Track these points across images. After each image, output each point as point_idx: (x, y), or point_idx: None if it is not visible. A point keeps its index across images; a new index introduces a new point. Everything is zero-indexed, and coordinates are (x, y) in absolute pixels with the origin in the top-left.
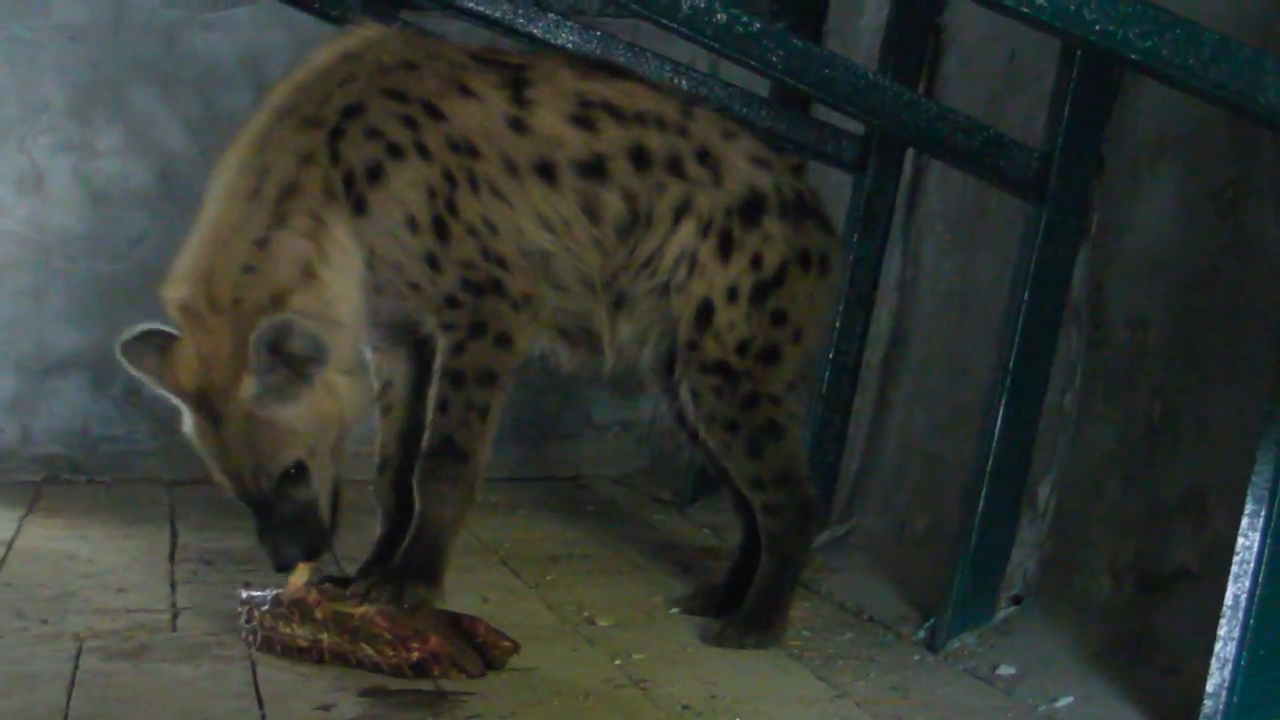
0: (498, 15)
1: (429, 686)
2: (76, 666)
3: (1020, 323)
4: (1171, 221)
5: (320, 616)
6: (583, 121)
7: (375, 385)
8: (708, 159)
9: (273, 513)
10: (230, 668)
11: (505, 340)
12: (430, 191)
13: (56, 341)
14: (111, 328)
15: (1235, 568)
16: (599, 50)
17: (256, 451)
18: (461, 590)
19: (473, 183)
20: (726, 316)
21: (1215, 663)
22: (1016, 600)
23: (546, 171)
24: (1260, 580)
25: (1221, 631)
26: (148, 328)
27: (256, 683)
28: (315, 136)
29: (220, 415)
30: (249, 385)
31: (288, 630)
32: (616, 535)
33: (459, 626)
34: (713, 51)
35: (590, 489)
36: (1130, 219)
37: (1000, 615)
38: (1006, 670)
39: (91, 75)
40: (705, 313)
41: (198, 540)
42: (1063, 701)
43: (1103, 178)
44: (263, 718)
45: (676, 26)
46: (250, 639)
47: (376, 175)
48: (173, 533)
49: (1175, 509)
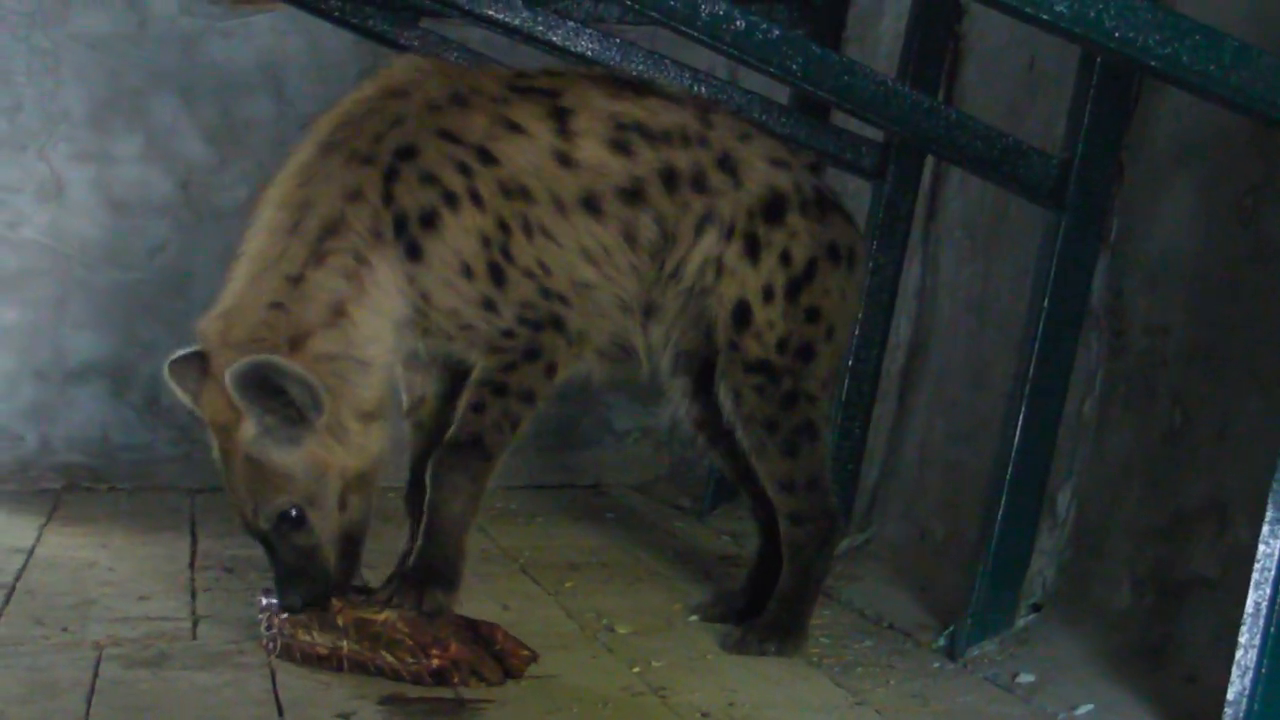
0: (517, 23)
1: (448, 694)
2: (96, 674)
3: (1040, 330)
4: (1191, 228)
5: (342, 623)
6: (621, 146)
7: (406, 401)
8: (727, 164)
9: (275, 552)
10: (250, 675)
11: (553, 369)
12: (484, 240)
13: (76, 350)
14: (131, 336)
15: (1256, 575)
16: (618, 58)
17: (253, 492)
18: (481, 597)
19: (526, 228)
20: (765, 316)
21: (1236, 671)
22: (1036, 608)
23: (591, 204)
24: None
25: (1242, 639)
26: (195, 350)
27: (276, 690)
28: (366, 174)
29: (226, 453)
30: (247, 426)
31: (307, 637)
32: (636, 543)
33: (478, 634)
34: (732, 59)
35: (610, 496)
36: (1150, 226)
37: (1020, 623)
38: (1026, 678)
39: (111, 84)
40: (743, 313)
41: (218, 548)
42: (1083, 709)
43: (1122, 184)
44: None
45: (696, 34)
46: (270, 646)
47: (431, 222)
48: (193, 540)
49: (1195, 516)
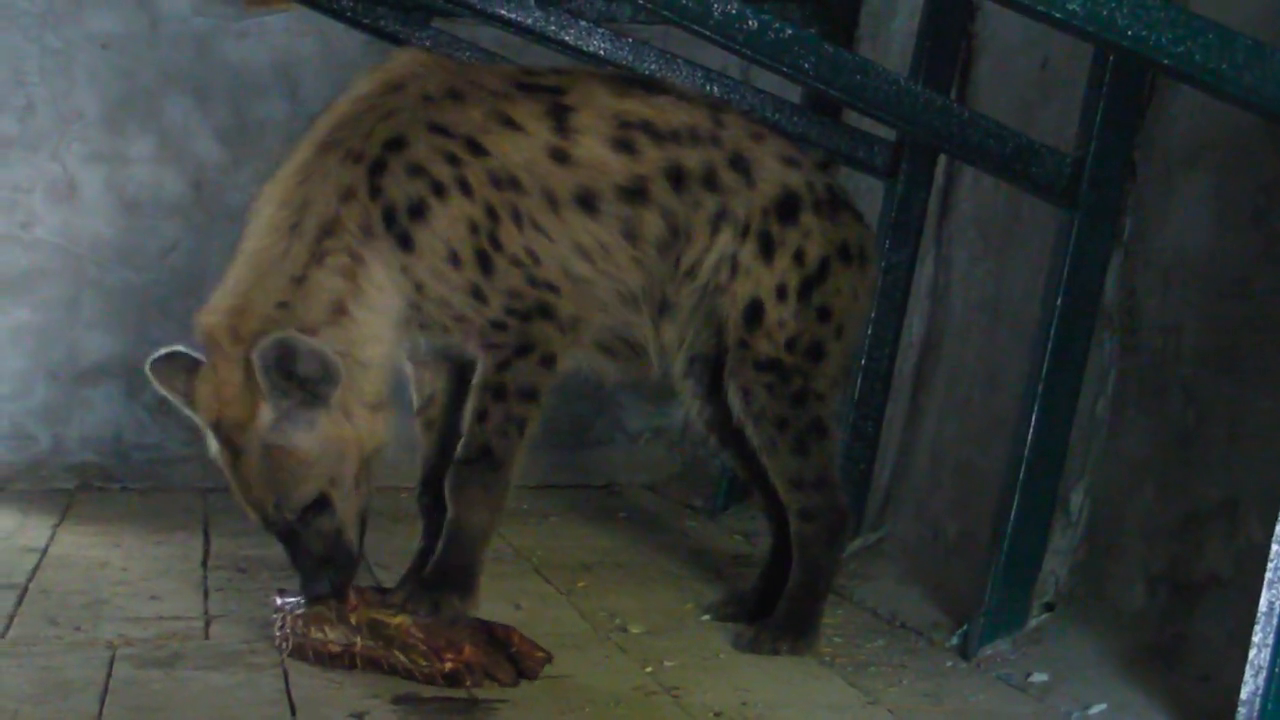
0: (529, 22)
1: (461, 694)
2: (109, 674)
3: (1053, 329)
4: (1204, 227)
5: (355, 621)
6: (624, 145)
7: (416, 400)
8: (740, 164)
9: (300, 544)
10: (263, 675)
11: (550, 361)
12: (472, 227)
13: (89, 350)
14: (144, 336)
15: (1269, 574)
16: (630, 57)
17: (277, 485)
18: (494, 597)
19: (515, 217)
20: (776, 314)
21: (1249, 670)
22: (1049, 607)
23: (587, 201)
24: None
25: (1255, 638)
26: (175, 349)
27: (289, 690)
28: (356, 172)
29: (239, 449)
30: (265, 412)
31: (320, 635)
32: (648, 542)
33: (492, 636)
34: (744, 58)
35: (622, 496)
36: (1163, 225)
37: (1033, 622)
38: (1039, 677)
39: (124, 84)
40: (755, 312)
41: (231, 547)
42: (1096, 709)
43: (1135, 183)
44: None
45: (708, 33)
46: (282, 645)
47: (420, 212)
48: (205, 540)
49: (1208, 515)
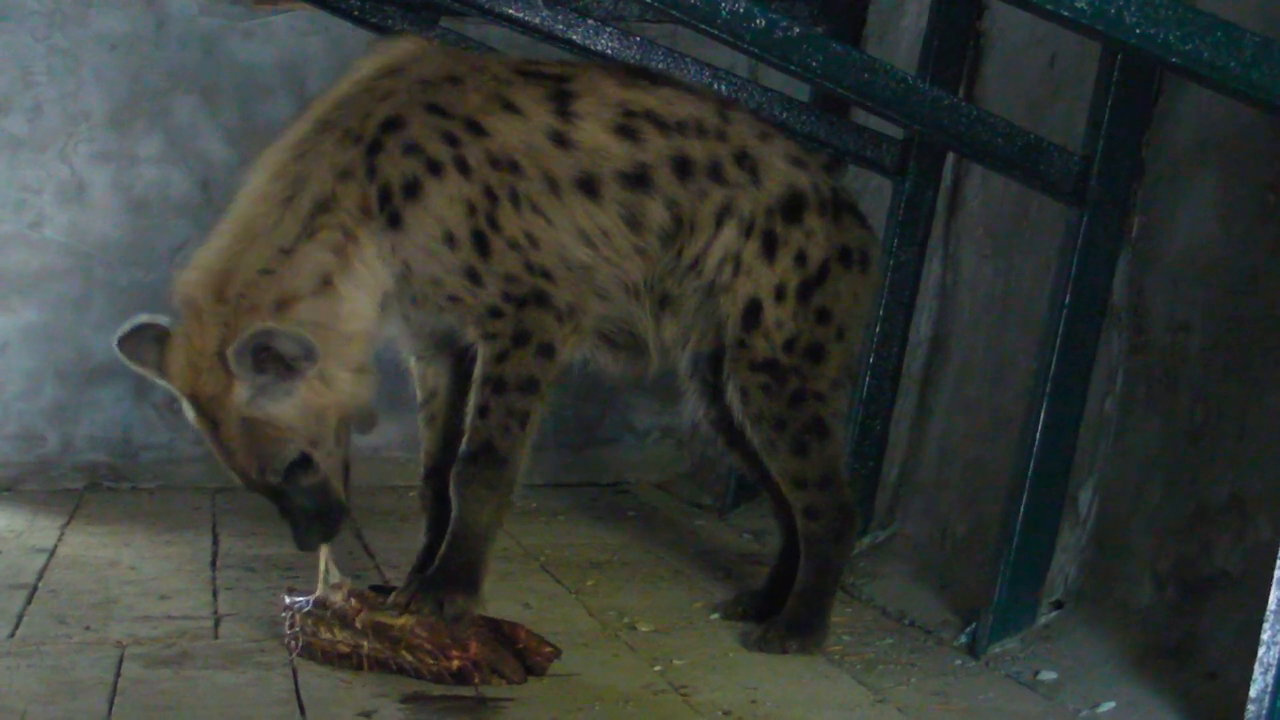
0: (537, 21)
1: (469, 692)
2: (119, 673)
3: (1061, 327)
4: (1213, 225)
5: (360, 625)
6: (627, 132)
7: (419, 395)
8: (746, 161)
9: (287, 500)
10: (272, 674)
11: (548, 350)
12: (470, 207)
13: (98, 350)
14: None
15: (1278, 572)
16: (638, 56)
17: (257, 452)
18: (502, 596)
19: (514, 199)
20: (774, 315)
21: (1258, 668)
22: (1058, 605)
23: (588, 185)
24: None
25: (1265, 636)
26: (143, 321)
27: (298, 689)
28: (354, 152)
29: (217, 420)
30: (240, 391)
31: (328, 636)
32: (657, 541)
33: (500, 633)
34: (752, 56)
35: (631, 495)
36: (1171, 223)
37: (1042, 620)
38: (1048, 675)
39: (131, 84)
40: (754, 311)
41: (240, 547)
42: (1104, 707)
43: (1143, 182)
44: None
45: (716, 32)
46: (291, 645)
47: (414, 191)
48: (214, 539)
49: (1217, 513)
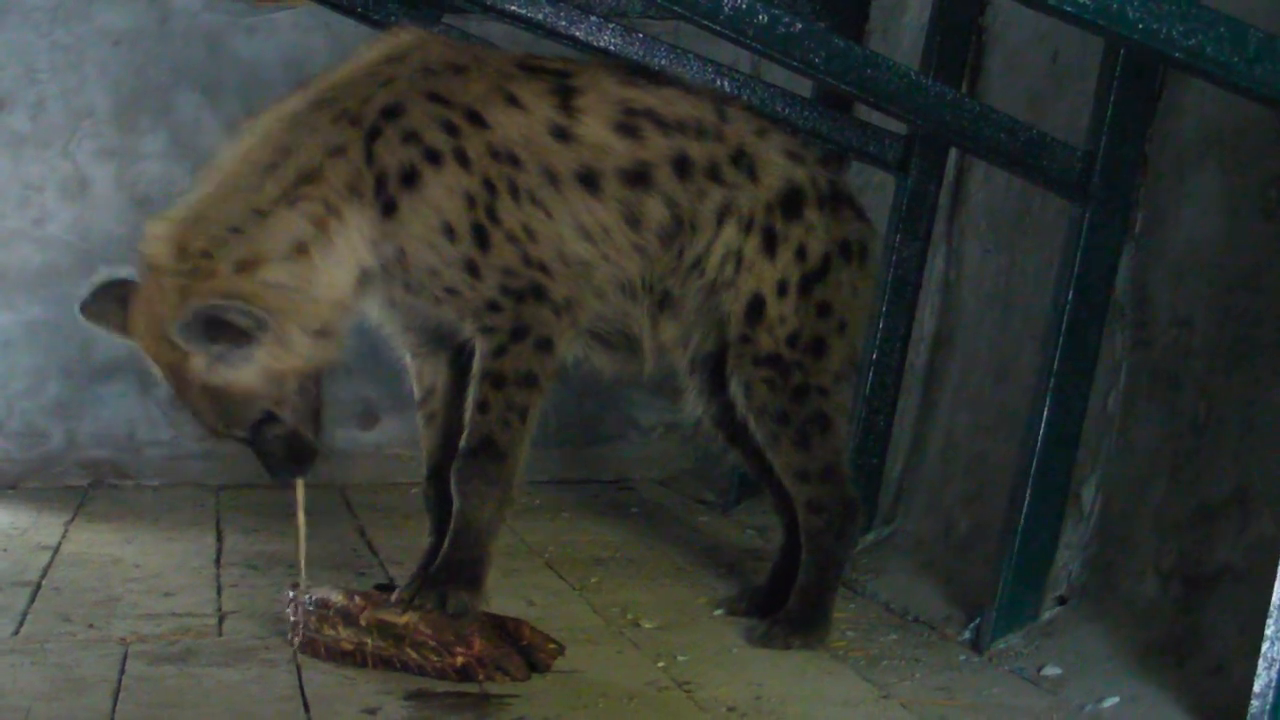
0: (540, 18)
1: (473, 689)
2: (123, 670)
3: (1064, 322)
4: (1215, 220)
5: (364, 623)
6: (628, 130)
7: (417, 393)
8: (744, 159)
9: (256, 446)
10: (276, 671)
11: (546, 344)
12: (469, 199)
13: (102, 347)
14: None
15: None
16: (641, 52)
17: (222, 412)
18: (506, 593)
19: (514, 191)
20: (777, 310)
21: (1262, 663)
22: (1062, 601)
23: (589, 181)
24: None
25: (1269, 631)
26: (105, 280)
27: (302, 686)
28: (350, 134)
29: (179, 383)
30: (197, 360)
31: (332, 633)
32: (661, 537)
33: (503, 629)
34: (755, 53)
35: (634, 491)
36: (1174, 218)
37: (1045, 616)
38: (1052, 671)
39: (135, 80)
40: (757, 307)
41: (243, 544)
42: (1108, 702)
43: (1146, 177)
44: None
45: (719, 28)
46: (295, 641)
47: (411, 180)
48: (218, 537)
49: (1220, 508)
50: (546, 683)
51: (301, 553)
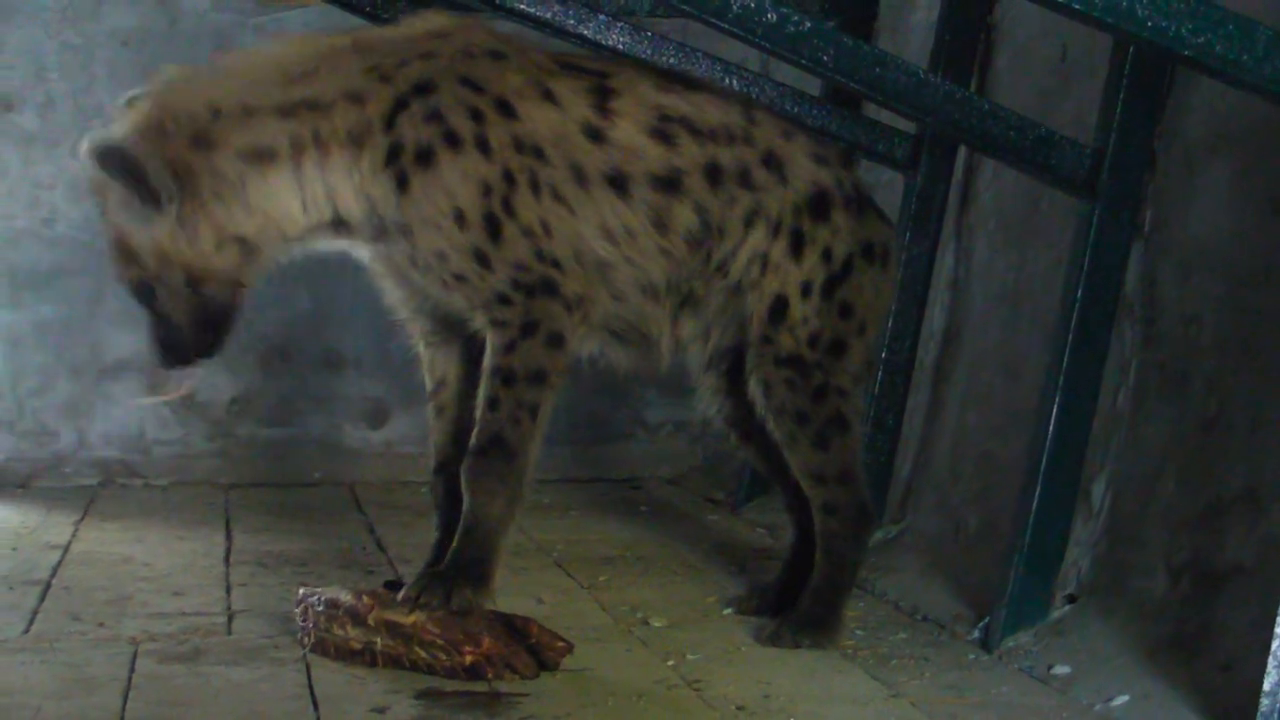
0: (548, 17)
1: (483, 688)
2: (132, 669)
3: (1073, 320)
4: (1225, 218)
5: (373, 622)
6: (662, 136)
7: (428, 384)
8: (773, 162)
9: (147, 313)
10: (285, 670)
11: (557, 340)
12: (485, 188)
13: (112, 346)
14: None
15: None
16: (649, 51)
17: (115, 258)
18: (515, 591)
19: (534, 185)
20: (800, 311)
21: (1272, 660)
22: (1071, 599)
23: (618, 183)
24: None
25: (1278, 628)
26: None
27: (311, 685)
28: (376, 90)
29: (102, 214)
30: (110, 195)
31: (341, 633)
32: (670, 536)
33: (512, 628)
34: (764, 51)
35: (644, 490)
36: (1183, 215)
37: (1055, 614)
38: (1062, 669)
39: (143, 80)
40: (780, 308)
41: (253, 543)
42: (1118, 700)
43: (1155, 174)
44: None
45: (727, 26)
46: (304, 640)
47: (427, 159)
48: (228, 536)
49: (1230, 505)
50: (556, 681)
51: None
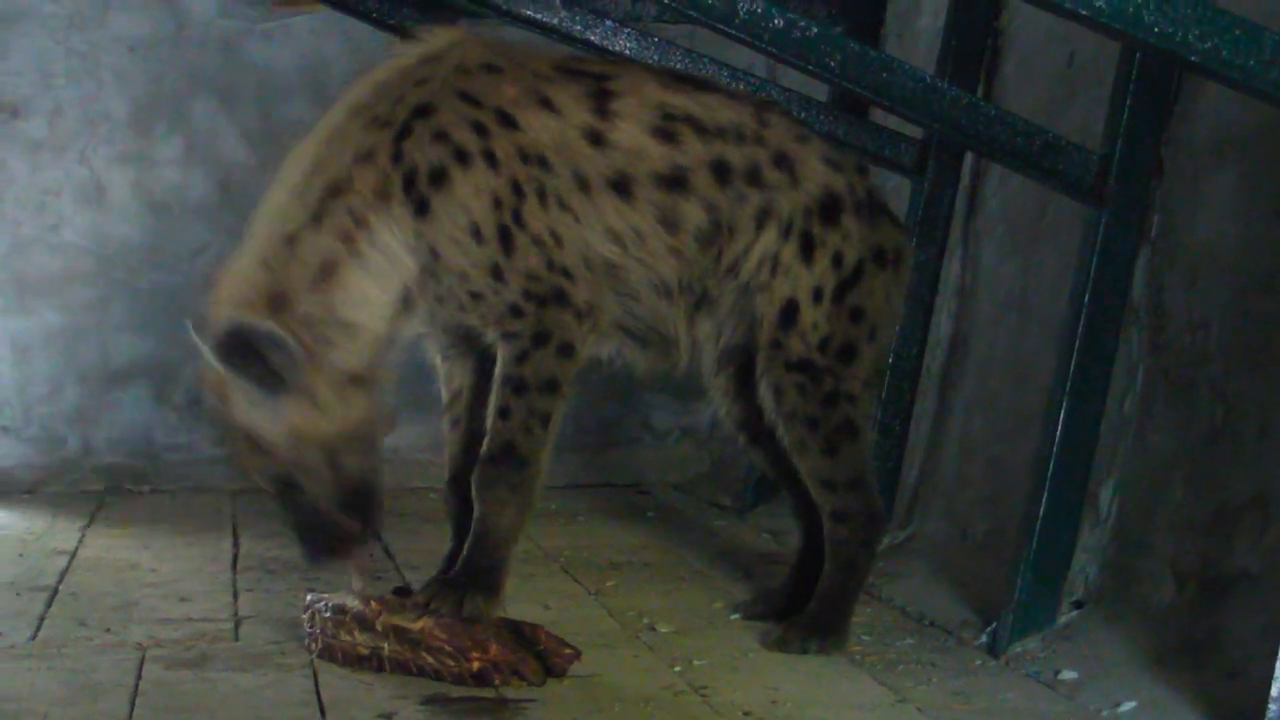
0: (555, 22)
1: (490, 694)
2: (139, 675)
3: (1081, 326)
4: (1232, 223)
5: (380, 628)
6: (665, 134)
7: (444, 397)
8: (784, 163)
9: (287, 510)
10: (292, 676)
11: (568, 350)
12: (496, 201)
13: (118, 352)
14: (173, 338)
15: None
16: (656, 56)
17: (248, 460)
18: (522, 597)
19: (541, 195)
20: (811, 316)
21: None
22: (1078, 605)
23: (621, 186)
24: None
25: None
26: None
27: (318, 691)
28: (380, 136)
29: (222, 421)
30: (233, 393)
31: (348, 638)
32: (677, 541)
33: (519, 634)
34: (771, 57)
35: (650, 495)
36: (1190, 221)
37: (1062, 620)
38: (1069, 675)
39: (151, 87)
40: (790, 312)
41: (260, 549)
42: (1126, 706)
43: (1162, 180)
44: None
45: (734, 32)
46: (312, 646)
47: (440, 178)
48: (235, 541)
49: (1238, 512)
50: (563, 687)
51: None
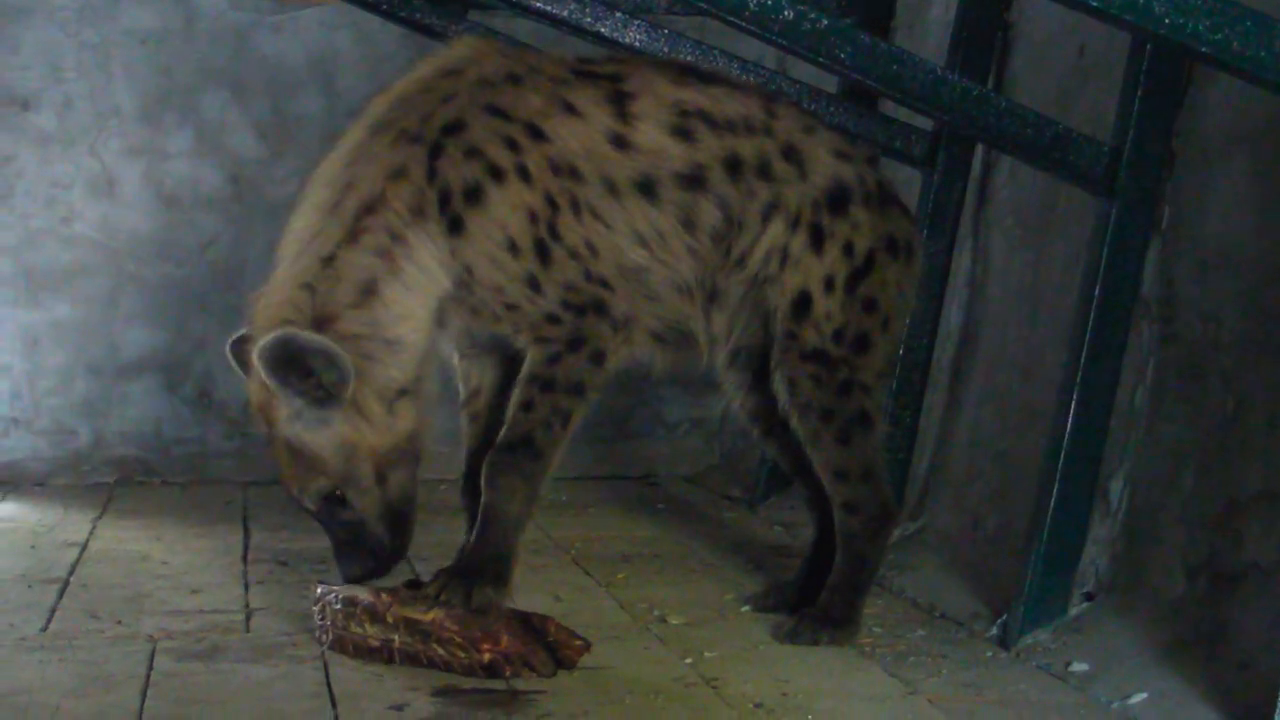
0: (565, 14)
1: (501, 686)
2: (150, 667)
3: (1091, 318)
4: (1243, 215)
5: (391, 620)
6: (683, 133)
7: (463, 393)
8: (793, 155)
9: (328, 528)
10: (303, 668)
11: (600, 357)
12: (531, 215)
13: (129, 344)
14: (183, 330)
15: None
16: (666, 48)
17: (295, 476)
18: (533, 589)
19: (574, 206)
20: (824, 306)
21: None
22: (1089, 597)
23: (647, 188)
24: None
25: None
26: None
27: (329, 683)
28: (411, 152)
29: (269, 437)
30: (281, 408)
31: (359, 630)
32: (688, 533)
33: (530, 626)
34: (780, 49)
35: (661, 487)
36: (1201, 213)
37: (1073, 612)
38: (1080, 667)
39: (161, 79)
40: (803, 303)
41: (271, 541)
42: (1136, 698)
43: (1173, 172)
44: (336, 718)
45: (744, 23)
46: (323, 638)
47: (476, 196)
48: (245, 533)
49: (1248, 504)
50: (573, 679)
51: None
